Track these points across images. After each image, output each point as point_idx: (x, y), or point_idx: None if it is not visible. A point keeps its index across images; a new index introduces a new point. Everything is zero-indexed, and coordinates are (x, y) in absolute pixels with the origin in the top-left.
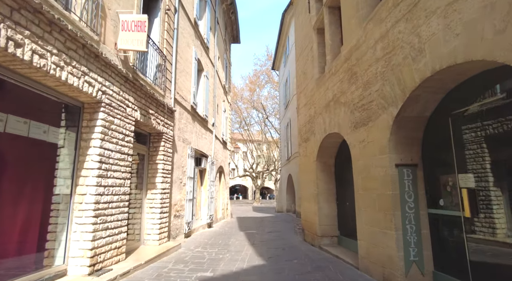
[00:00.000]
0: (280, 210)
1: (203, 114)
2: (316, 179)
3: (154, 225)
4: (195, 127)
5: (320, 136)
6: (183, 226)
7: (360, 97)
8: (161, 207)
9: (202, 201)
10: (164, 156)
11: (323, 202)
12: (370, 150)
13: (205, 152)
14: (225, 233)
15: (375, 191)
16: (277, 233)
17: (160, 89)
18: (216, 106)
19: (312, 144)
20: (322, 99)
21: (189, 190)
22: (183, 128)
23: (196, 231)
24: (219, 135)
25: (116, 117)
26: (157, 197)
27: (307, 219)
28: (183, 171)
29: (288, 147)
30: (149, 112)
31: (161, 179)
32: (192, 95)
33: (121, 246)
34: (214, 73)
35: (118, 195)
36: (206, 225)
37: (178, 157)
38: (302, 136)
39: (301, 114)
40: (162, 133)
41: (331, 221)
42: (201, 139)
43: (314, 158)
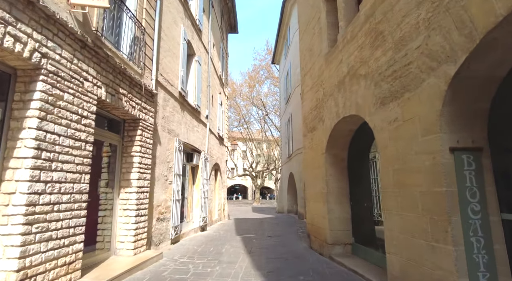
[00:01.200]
0: (281, 210)
1: (194, 103)
2: (325, 175)
3: (129, 231)
4: (185, 118)
5: (331, 122)
6: (169, 231)
7: (390, 63)
8: (137, 209)
9: (194, 201)
10: (141, 147)
11: (334, 203)
12: (408, 131)
13: (197, 147)
14: (219, 238)
15: (417, 187)
16: (278, 237)
17: (137, 66)
18: (211, 97)
19: (320, 134)
20: (333, 76)
21: (176, 189)
22: (169, 117)
23: (186, 236)
24: (214, 130)
25: (67, 91)
26: (132, 197)
27: (314, 223)
28: (169, 167)
29: (289, 144)
30: (119, 91)
31: (137, 175)
32: (180, 79)
33: (73, 261)
34: (208, 60)
35: (69, 194)
36: (198, 229)
37: (162, 150)
38: (308, 125)
39: (306, 99)
40: (138, 120)
41: (344, 225)
42: (192, 132)
43: (323, 150)
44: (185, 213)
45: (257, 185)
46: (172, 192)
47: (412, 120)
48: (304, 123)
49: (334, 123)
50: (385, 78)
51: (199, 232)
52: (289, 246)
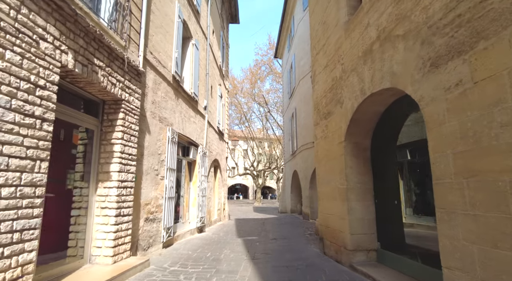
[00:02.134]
0: (284, 210)
1: (191, 91)
2: (344, 168)
3: (107, 233)
4: (180, 106)
5: (353, 103)
6: (160, 233)
7: (450, 6)
8: (118, 208)
9: (191, 200)
10: (124, 134)
11: (356, 200)
12: (484, 96)
13: (194, 140)
14: (219, 241)
15: (504, 175)
16: (284, 240)
17: (119, 37)
18: (210, 88)
19: (337, 119)
20: (356, 47)
21: (169, 186)
22: (161, 103)
23: (181, 238)
24: (213, 123)
25: (11, 49)
26: (112, 192)
27: (329, 225)
28: (160, 160)
29: (293, 140)
30: (94, 62)
31: (118, 167)
32: (174, 62)
33: (20, 277)
34: (207, 47)
35: (13, 187)
36: (195, 230)
37: (152, 140)
38: (320, 112)
39: (319, 81)
40: (120, 101)
41: (368, 228)
42: (188, 123)
43: (341, 139)
44: (181, 213)
45: (259, 184)
46: (164, 189)
47: (493, 77)
48: (315, 110)
49: (357, 103)
50: (440, 30)
51: (196, 234)
52: (298, 251)
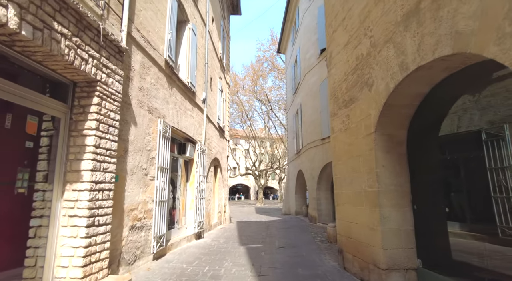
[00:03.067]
0: (287, 212)
1: (187, 81)
2: (374, 166)
3: (76, 249)
4: (174, 97)
5: (388, 83)
6: (150, 243)
7: None
8: (90, 216)
9: (188, 203)
10: (100, 123)
11: (390, 206)
12: None
13: (191, 136)
14: (218, 250)
15: None
16: (293, 249)
17: (94, 3)
18: (209, 80)
19: (363, 106)
20: (392, 12)
21: (161, 187)
22: (150, 91)
23: (176, 247)
24: (213, 119)
25: None
26: (82, 196)
27: (352, 235)
28: (150, 157)
29: (297, 138)
30: (54, 27)
31: (92, 165)
32: (167, 45)
33: None
34: (205, 35)
35: None
36: (193, 236)
37: (140, 133)
38: (339, 99)
39: (336, 64)
40: (95, 82)
41: (406, 241)
42: (185, 117)
43: (370, 130)
44: (176, 218)
45: (260, 184)
46: (155, 191)
47: None
48: (332, 98)
49: (394, 83)
50: None
51: (194, 241)
52: (311, 264)
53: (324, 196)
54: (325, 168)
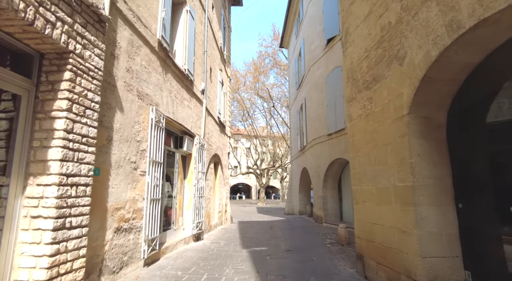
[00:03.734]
0: (291, 212)
1: (184, 68)
2: (408, 156)
3: (39, 258)
4: (169, 83)
5: (429, 51)
6: (140, 247)
7: None
8: (59, 217)
9: (186, 201)
10: (74, 104)
11: (428, 205)
12: None
13: (189, 129)
14: (219, 254)
15: None
16: (302, 253)
17: None
18: (209, 70)
19: (392, 84)
20: None
21: (153, 184)
22: (141, 74)
23: (172, 250)
24: (213, 112)
25: None
26: (48, 193)
27: (376, 239)
28: (140, 149)
29: (301, 135)
30: None
31: (62, 154)
32: (160, 24)
33: None
34: (205, 21)
35: None
36: (191, 238)
37: (127, 121)
38: (359, 80)
39: (354, 41)
40: (67, 53)
41: (449, 248)
42: (181, 107)
43: (402, 112)
44: (173, 218)
45: (262, 183)
46: (146, 188)
47: None
48: (349, 81)
49: (437, 50)
50: None
51: (192, 243)
52: (325, 271)
53: (330, 194)
54: (332, 165)
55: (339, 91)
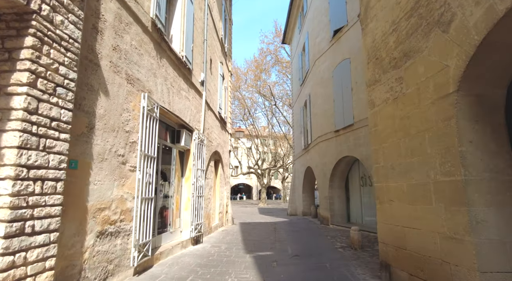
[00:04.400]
0: (294, 212)
1: (181, 54)
2: (456, 143)
3: None
4: (164, 70)
5: (492, 7)
6: (129, 253)
7: None
8: (13, 220)
9: (183, 201)
10: (38, 77)
11: (484, 204)
12: None
13: (187, 122)
14: (219, 260)
15: None
16: (312, 259)
17: None
18: (209, 61)
19: (432, 58)
20: None
21: (145, 181)
22: (131, 55)
23: (168, 255)
24: (213, 107)
25: None
26: (0, 189)
27: (408, 246)
28: (130, 141)
29: (305, 133)
30: None
31: (20, 139)
32: (154, 2)
33: None
34: (205, 8)
35: None
36: (189, 242)
37: (114, 107)
38: (384, 59)
39: (378, 15)
40: (29, 13)
41: None
42: (178, 97)
43: (448, 89)
44: (169, 219)
45: (263, 184)
46: (137, 186)
47: None
48: (371, 62)
49: (508, 3)
50: None
51: (190, 247)
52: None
53: (337, 194)
54: (339, 163)
55: (347, 85)
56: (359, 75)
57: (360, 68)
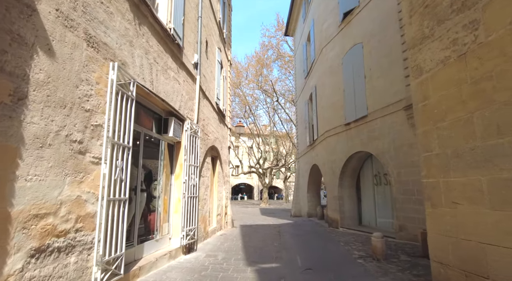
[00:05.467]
0: (298, 213)
1: (168, 26)
2: None
3: None
4: (144, 39)
5: None
6: (90, 275)
7: None
8: None
9: (173, 203)
10: None
11: None
12: None
13: (176, 109)
14: (214, 276)
15: None
16: (329, 275)
17: None
18: (205, 43)
19: None
20: None
21: (115, 177)
22: (94, 10)
23: (150, 270)
24: (210, 95)
25: None
26: None
27: (494, 274)
28: (92, 124)
29: (310, 128)
30: None
31: None
32: None
33: None
34: None
35: None
36: (179, 251)
37: (65, 74)
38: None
39: None
40: None
41: None
42: (165, 77)
43: None
44: (156, 224)
45: (265, 183)
46: (102, 183)
47: None
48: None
49: None
50: None
51: (181, 257)
52: None
53: (348, 194)
54: (350, 160)
55: (359, 73)
56: (373, 60)
57: (375, 52)
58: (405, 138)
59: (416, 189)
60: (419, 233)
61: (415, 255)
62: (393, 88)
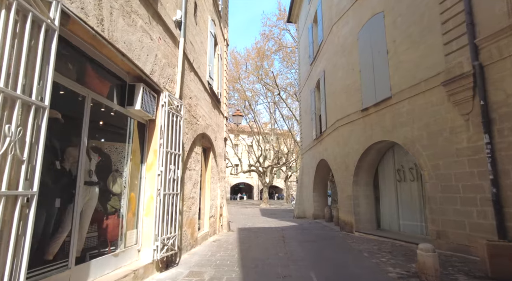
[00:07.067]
0: (302, 215)
1: None
2: None
3: None
4: None
5: None
6: None
7: None
8: None
9: (143, 202)
10: None
11: None
12: None
13: (147, 74)
14: None
15: None
16: None
17: None
18: (193, 4)
19: None
20: None
21: (11, 159)
22: None
23: None
24: (200, 73)
25: None
26: None
27: None
28: None
29: (317, 119)
30: None
31: None
32: None
33: None
34: None
35: None
36: (152, 267)
37: None
38: None
39: None
40: None
41: None
42: (127, 23)
43: None
44: (117, 231)
45: (265, 183)
46: None
47: None
48: None
49: None
50: None
51: (153, 276)
52: None
53: (364, 193)
54: (367, 152)
55: (380, 48)
56: (399, 31)
57: (402, 21)
58: (444, 121)
59: (462, 185)
60: (476, 243)
61: (479, 276)
62: (427, 61)
